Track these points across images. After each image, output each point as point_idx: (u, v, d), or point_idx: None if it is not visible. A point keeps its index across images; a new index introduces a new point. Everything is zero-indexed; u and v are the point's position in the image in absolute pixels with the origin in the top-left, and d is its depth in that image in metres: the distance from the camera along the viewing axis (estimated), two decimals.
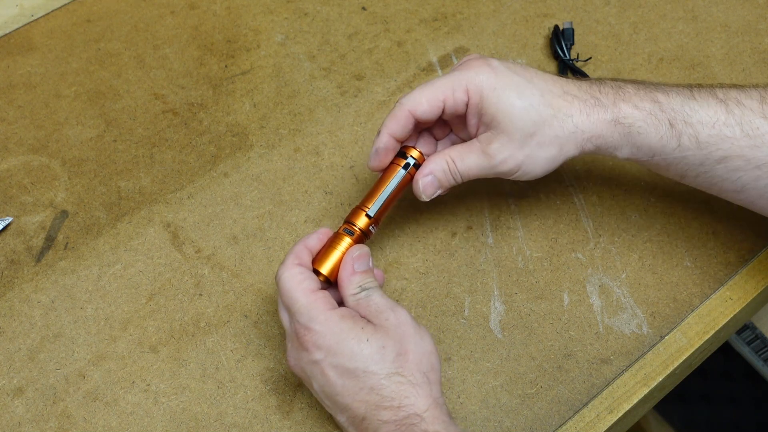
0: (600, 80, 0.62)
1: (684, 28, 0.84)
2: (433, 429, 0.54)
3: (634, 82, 0.62)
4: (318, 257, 0.61)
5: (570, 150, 0.61)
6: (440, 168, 0.62)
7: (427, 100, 0.61)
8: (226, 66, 0.83)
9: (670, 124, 0.59)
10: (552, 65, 0.82)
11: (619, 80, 0.63)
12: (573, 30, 0.82)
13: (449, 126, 0.66)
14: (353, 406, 0.55)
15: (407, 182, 0.64)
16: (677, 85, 0.62)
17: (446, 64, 0.82)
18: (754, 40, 0.83)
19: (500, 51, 0.83)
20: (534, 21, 0.85)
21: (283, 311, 0.60)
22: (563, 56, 0.81)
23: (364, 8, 0.87)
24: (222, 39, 0.85)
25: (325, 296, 0.58)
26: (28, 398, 0.64)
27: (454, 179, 0.62)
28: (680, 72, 0.81)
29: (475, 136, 0.62)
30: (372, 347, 0.56)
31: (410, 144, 0.65)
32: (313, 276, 0.59)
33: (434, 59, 0.83)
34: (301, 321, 0.57)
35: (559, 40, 0.81)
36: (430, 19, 0.86)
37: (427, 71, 0.82)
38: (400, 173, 0.63)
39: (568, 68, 0.81)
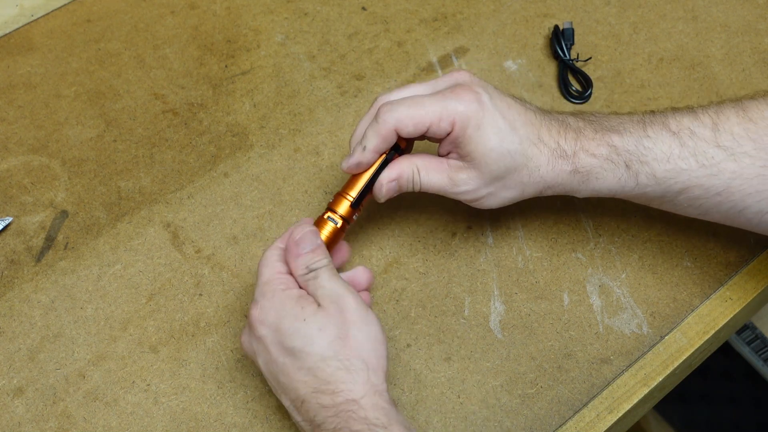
0: (565, 121, 0.62)
1: (684, 28, 0.84)
2: (373, 416, 0.54)
3: (592, 122, 0.62)
4: None
5: (529, 193, 0.63)
6: (406, 177, 0.62)
7: (414, 124, 0.60)
8: (226, 66, 0.83)
9: (627, 165, 0.61)
10: (552, 65, 0.82)
11: (580, 119, 0.63)
12: (573, 30, 0.82)
13: None
14: (293, 387, 0.56)
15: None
16: (631, 118, 0.62)
17: (446, 64, 0.82)
18: (754, 40, 0.83)
19: (500, 51, 0.83)
20: (534, 21, 0.85)
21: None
22: (563, 56, 0.81)
23: (364, 8, 0.87)
24: (222, 39, 0.85)
25: (288, 279, 0.59)
26: (28, 398, 0.64)
27: (413, 188, 0.63)
28: (680, 72, 0.81)
29: (444, 155, 0.63)
30: (310, 328, 0.56)
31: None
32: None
33: (434, 59, 0.83)
34: (255, 296, 0.58)
35: (559, 40, 0.81)
36: (430, 19, 0.86)
37: (427, 71, 0.82)
38: (386, 159, 0.63)
39: (568, 68, 0.81)
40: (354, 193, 0.63)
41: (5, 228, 0.72)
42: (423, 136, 0.63)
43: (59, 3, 0.87)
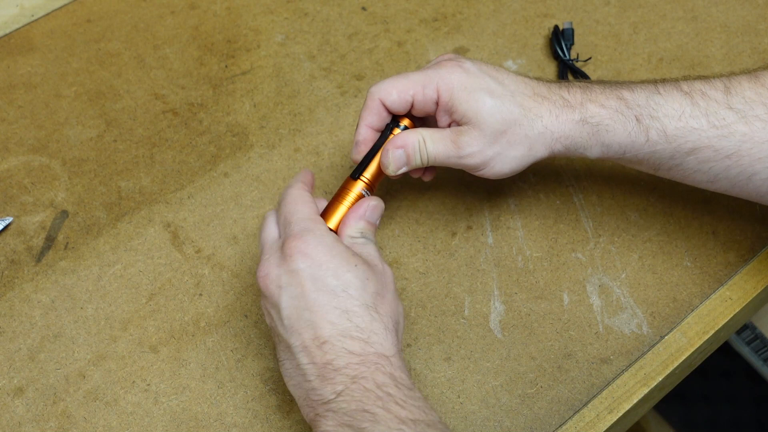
0: (568, 82, 0.63)
1: (684, 28, 0.84)
2: (399, 375, 0.54)
3: (601, 82, 0.63)
4: (328, 210, 0.62)
5: (539, 150, 0.62)
6: (412, 144, 0.62)
7: (397, 91, 0.61)
8: (226, 66, 0.83)
9: (637, 119, 0.60)
10: (552, 65, 0.82)
11: (586, 82, 0.64)
12: (573, 30, 0.82)
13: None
14: (319, 325, 0.54)
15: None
16: (642, 81, 0.62)
17: None
18: (754, 40, 0.83)
19: (500, 51, 0.83)
20: (534, 21, 0.85)
21: (271, 225, 0.60)
22: (563, 56, 0.81)
23: (364, 8, 0.87)
24: (222, 39, 0.85)
25: (324, 222, 0.59)
26: (28, 398, 0.64)
27: (422, 160, 0.62)
28: (680, 72, 0.81)
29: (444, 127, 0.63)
30: (357, 274, 0.56)
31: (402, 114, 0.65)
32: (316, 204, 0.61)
33: (434, 59, 0.82)
34: (295, 230, 0.57)
35: (559, 40, 0.82)
36: (430, 19, 0.86)
37: None
38: (387, 129, 0.64)
39: (568, 68, 0.81)
40: (367, 174, 0.63)
41: (5, 228, 0.72)
42: (414, 116, 0.64)
43: (59, 3, 0.87)
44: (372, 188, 0.63)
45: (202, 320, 0.68)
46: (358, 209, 0.61)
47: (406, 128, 0.63)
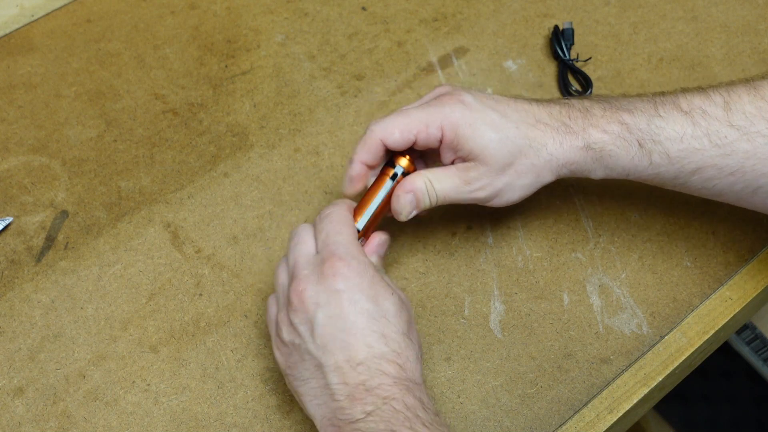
0: (568, 103, 0.63)
1: (684, 28, 0.84)
2: (426, 400, 0.55)
3: (600, 101, 0.63)
4: None
5: (546, 177, 0.62)
6: (420, 188, 0.62)
7: (399, 131, 0.61)
8: (226, 66, 0.83)
9: (639, 144, 0.60)
10: (552, 65, 0.82)
11: (586, 100, 0.63)
12: (573, 30, 0.82)
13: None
14: (356, 347, 0.54)
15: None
16: (641, 99, 0.62)
17: (446, 64, 0.82)
18: (754, 40, 0.83)
19: (500, 51, 0.83)
20: (534, 21, 0.85)
21: (308, 239, 0.60)
22: (563, 56, 0.81)
23: (364, 8, 0.87)
24: (222, 39, 0.85)
25: (362, 249, 0.60)
26: (28, 398, 0.64)
27: (430, 201, 0.62)
28: (680, 72, 0.81)
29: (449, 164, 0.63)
30: (394, 302, 0.57)
31: (400, 152, 0.64)
32: None
33: (434, 59, 0.83)
34: (339, 251, 0.57)
35: (559, 40, 0.82)
36: (430, 19, 0.86)
37: (427, 71, 0.82)
38: (387, 185, 0.63)
39: (568, 68, 0.81)
40: (358, 218, 0.62)
41: (5, 228, 0.72)
42: (416, 151, 0.63)
43: (59, 3, 0.87)
44: (368, 231, 0.63)
45: (202, 320, 0.68)
46: (371, 244, 0.62)
47: (403, 170, 0.63)
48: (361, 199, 0.63)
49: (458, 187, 0.62)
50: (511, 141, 0.60)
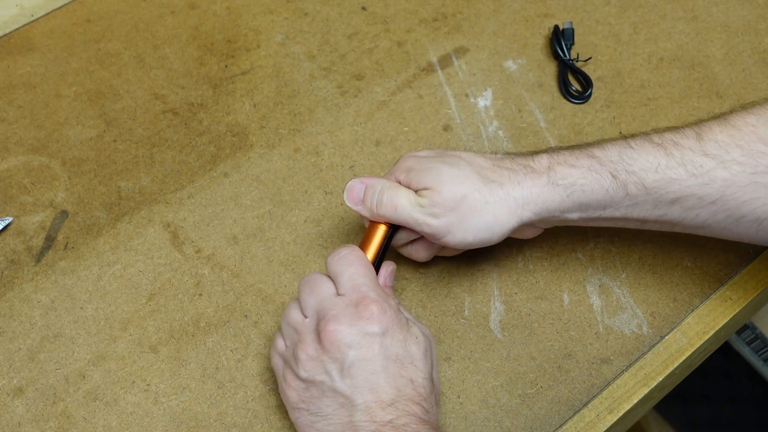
0: (535, 151, 0.63)
1: (684, 28, 0.84)
2: None
3: (569, 146, 0.63)
4: None
5: (506, 219, 0.61)
6: (374, 185, 0.62)
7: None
8: (226, 66, 0.83)
9: (613, 175, 0.59)
10: (552, 65, 0.82)
11: (554, 148, 0.63)
12: (573, 30, 0.82)
13: None
14: (385, 390, 0.55)
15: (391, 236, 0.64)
16: (612, 139, 0.62)
17: (446, 64, 0.82)
18: (754, 40, 0.83)
19: (500, 51, 0.83)
20: (534, 21, 0.85)
21: (326, 279, 0.60)
22: (563, 56, 0.81)
23: (364, 8, 0.87)
24: (222, 39, 0.85)
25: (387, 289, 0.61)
26: (28, 398, 0.64)
27: (376, 203, 0.62)
28: (680, 72, 0.81)
29: None
30: (420, 347, 0.58)
31: None
32: None
33: (434, 59, 0.83)
34: (371, 294, 0.58)
35: (559, 40, 0.82)
36: (430, 19, 0.86)
37: (427, 71, 0.82)
38: (389, 236, 0.64)
39: (568, 68, 0.81)
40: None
41: (5, 228, 0.72)
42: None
43: (59, 3, 0.87)
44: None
45: (202, 320, 0.68)
46: (381, 277, 0.62)
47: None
48: (366, 246, 0.63)
49: (411, 205, 0.61)
50: (465, 176, 0.60)
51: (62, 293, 0.69)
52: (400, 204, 0.61)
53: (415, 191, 0.62)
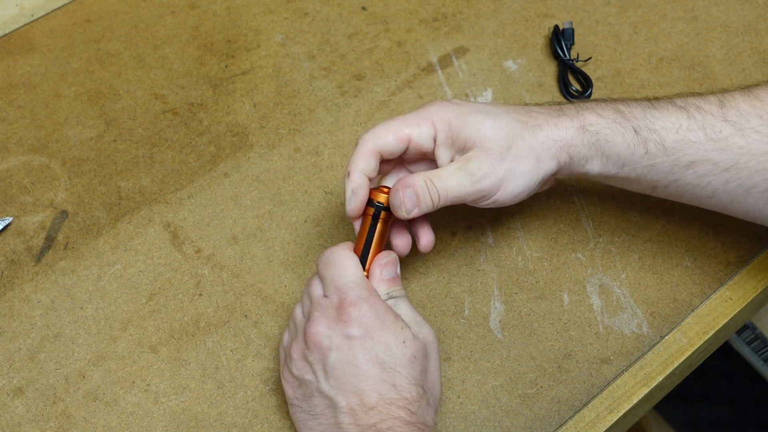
0: (560, 101, 0.64)
1: (684, 28, 0.84)
2: None
3: (595, 99, 0.64)
4: None
5: (547, 162, 0.61)
6: (419, 184, 0.60)
7: (392, 134, 0.60)
8: (226, 66, 0.83)
9: (635, 131, 0.60)
10: (552, 65, 0.82)
11: (579, 100, 0.64)
12: (573, 30, 0.82)
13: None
14: (367, 393, 0.55)
15: (386, 228, 0.62)
16: (636, 98, 0.63)
17: (446, 64, 0.82)
18: (754, 40, 0.83)
19: (500, 51, 0.83)
20: (534, 21, 0.85)
21: (316, 284, 0.59)
22: (563, 56, 0.81)
23: (364, 8, 0.87)
24: (222, 39, 0.85)
25: (371, 286, 0.59)
26: (28, 398, 0.64)
27: (432, 199, 0.60)
28: (680, 72, 0.81)
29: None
30: (406, 351, 0.56)
31: (377, 186, 0.63)
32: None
33: (434, 59, 0.83)
34: (350, 295, 0.57)
35: (559, 40, 0.82)
36: (430, 19, 0.86)
37: (427, 71, 0.82)
38: (373, 223, 0.61)
39: (568, 68, 0.81)
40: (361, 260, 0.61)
41: (5, 228, 0.72)
42: (406, 159, 0.63)
43: (59, 3, 0.87)
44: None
45: (202, 320, 0.68)
46: (375, 272, 0.60)
47: (382, 205, 0.61)
48: (356, 241, 0.62)
49: (461, 182, 0.60)
50: (505, 124, 0.60)
51: (62, 293, 0.69)
52: (450, 188, 0.60)
53: (459, 149, 0.61)
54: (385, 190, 0.61)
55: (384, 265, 0.61)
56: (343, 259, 0.59)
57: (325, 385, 0.56)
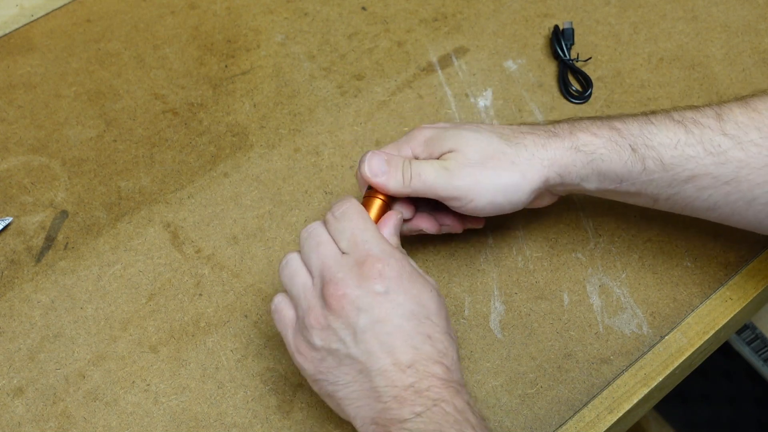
0: (554, 121, 0.64)
1: (684, 28, 0.84)
2: (473, 404, 0.54)
3: (590, 117, 0.63)
4: None
5: (534, 177, 0.60)
6: (396, 159, 0.61)
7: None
8: (226, 66, 0.83)
9: (632, 148, 0.60)
10: (552, 65, 0.82)
11: (574, 118, 0.64)
12: (573, 30, 0.82)
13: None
14: (402, 350, 0.53)
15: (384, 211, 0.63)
16: (632, 113, 0.63)
17: (446, 64, 0.82)
18: (754, 40, 0.83)
19: (500, 51, 0.83)
20: (534, 21, 0.85)
21: (326, 239, 0.58)
22: (563, 56, 0.81)
23: (364, 8, 0.87)
24: (222, 39, 0.85)
25: (392, 241, 0.59)
26: (28, 398, 0.64)
27: (404, 176, 0.60)
28: (680, 72, 0.81)
29: None
30: (435, 301, 0.56)
31: None
32: None
33: (434, 59, 0.83)
34: (374, 251, 0.56)
35: (559, 40, 0.82)
36: (430, 19, 0.86)
37: (427, 71, 0.82)
38: (376, 203, 0.62)
39: (568, 68, 0.81)
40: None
41: (5, 228, 0.72)
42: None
43: (59, 3, 0.87)
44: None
45: (202, 320, 0.68)
46: (388, 226, 0.60)
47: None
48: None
49: (438, 173, 0.60)
50: (487, 137, 0.60)
51: (62, 293, 0.69)
52: (425, 173, 0.60)
53: (437, 157, 0.61)
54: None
55: (393, 226, 0.60)
56: (360, 214, 0.58)
57: (355, 350, 0.54)
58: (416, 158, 0.62)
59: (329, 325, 0.55)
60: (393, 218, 0.61)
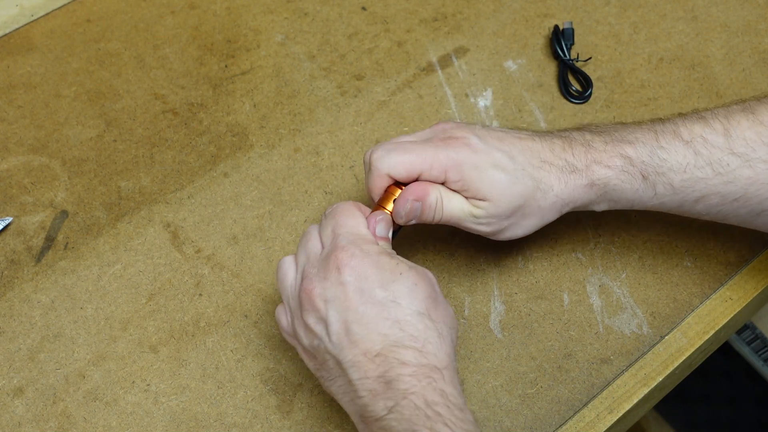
0: (569, 137, 0.62)
1: (684, 28, 0.84)
2: (450, 391, 0.52)
3: (600, 133, 0.62)
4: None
5: (550, 217, 0.63)
6: (430, 201, 0.60)
7: (405, 168, 0.60)
8: (226, 66, 0.83)
9: (643, 176, 0.60)
10: (552, 65, 0.82)
11: (587, 133, 0.62)
12: (573, 30, 0.82)
13: None
14: (370, 338, 0.53)
15: None
16: (641, 128, 0.62)
17: (446, 64, 0.82)
18: (754, 40, 0.83)
19: (500, 51, 0.83)
20: (534, 21, 0.85)
21: (314, 239, 0.58)
22: (563, 56, 0.81)
23: (364, 8, 0.87)
24: (222, 39, 0.85)
25: (370, 235, 0.58)
26: (28, 398, 0.64)
27: (434, 218, 0.60)
28: (680, 72, 0.81)
29: None
30: (404, 282, 0.54)
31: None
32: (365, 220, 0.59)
33: (434, 59, 0.83)
34: (342, 242, 0.55)
35: (559, 40, 0.82)
36: (430, 19, 0.86)
37: (427, 71, 0.82)
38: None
39: (568, 68, 0.81)
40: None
41: (5, 228, 0.72)
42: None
43: (59, 3, 0.87)
44: None
45: (202, 320, 0.68)
46: (371, 221, 0.59)
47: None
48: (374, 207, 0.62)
49: (465, 218, 0.61)
50: (521, 183, 0.60)
51: (62, 293, 0.69)
52: (453, 215, 0.61)
53: (469, 196, 0.60)
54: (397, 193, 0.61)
55: (381, 222, 0.59)
56: (345, 211, 0.58)
57: (329, 344, 0.54)
58: (445, 182, 0.60)
59: (307, 323, 0.55)
60: (378, 214, 0.60)
